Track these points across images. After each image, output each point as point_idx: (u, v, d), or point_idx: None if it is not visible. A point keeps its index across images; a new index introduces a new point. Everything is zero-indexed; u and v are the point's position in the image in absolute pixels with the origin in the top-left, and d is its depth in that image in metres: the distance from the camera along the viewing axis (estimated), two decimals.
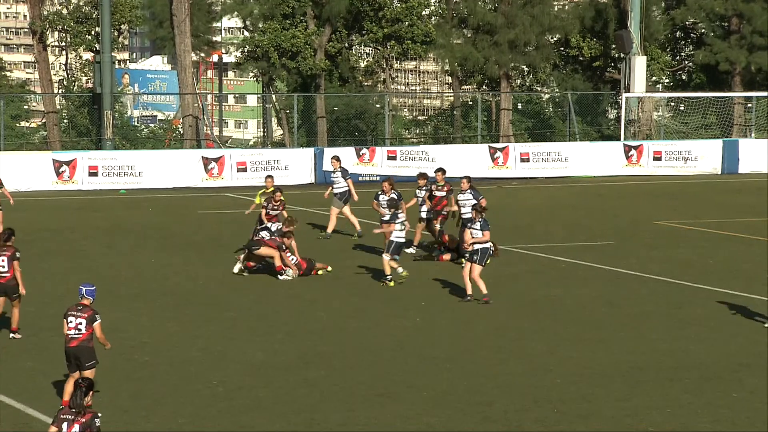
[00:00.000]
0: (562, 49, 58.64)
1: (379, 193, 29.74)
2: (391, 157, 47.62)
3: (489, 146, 49.65)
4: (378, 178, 45.75)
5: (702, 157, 50.97)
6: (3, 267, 21.68)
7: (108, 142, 47.68)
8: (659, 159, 50.52)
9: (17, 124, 60.57)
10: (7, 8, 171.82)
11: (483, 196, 29.05)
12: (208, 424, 17.39)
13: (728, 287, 27.18)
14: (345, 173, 33.49)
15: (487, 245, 25.14)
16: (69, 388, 17.45)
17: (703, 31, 60.56)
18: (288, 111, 55.66)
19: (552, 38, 58.52)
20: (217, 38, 71.64)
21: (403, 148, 48.99)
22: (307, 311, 24.90)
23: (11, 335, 22.17)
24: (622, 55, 54.14)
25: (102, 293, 26.40)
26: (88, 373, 17.37)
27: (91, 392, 13.45)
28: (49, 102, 53.42)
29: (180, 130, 54.66)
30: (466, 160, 48.54)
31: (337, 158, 34.16)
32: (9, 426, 17.23)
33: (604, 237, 34.44)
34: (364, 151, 47.61)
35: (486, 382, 19.65)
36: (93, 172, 44.64)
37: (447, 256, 30.03)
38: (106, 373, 19.99)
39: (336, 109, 57.50)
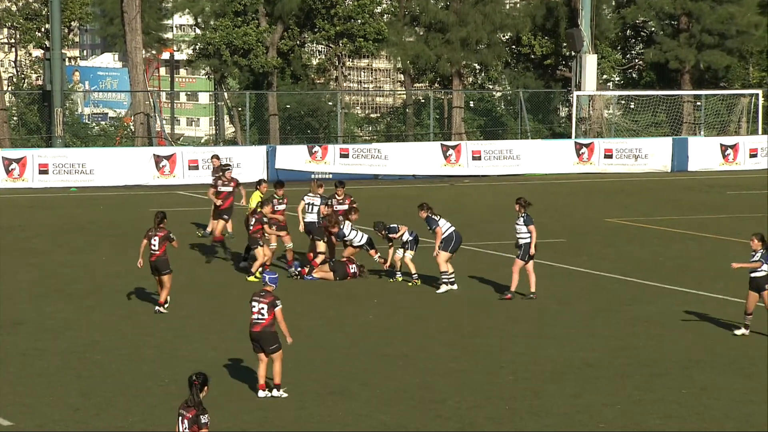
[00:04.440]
0: (513, 47, 58.83)
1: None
2: (344, 155, 47.59)
3: (441, 144, 49.71)
4: (330, 176, 45.72)
5: (652, 154, 51.29)
6: (154, 246, 24.00)
7: (58, 139, 47.38)
8: (610, 157, 50.79)
9: None
10: None
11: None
12: (160, 422, 17.30)
13: (679, 284, 27.37)
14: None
15: (528, 240, 25.43)
16: (261, 371, 18.52)
17: (653, 29, 60.96)
18: (240, 109, 55.49)
19: (503, 36, 58.68)
20: (169, 35, 71.28)
21: (356, 146, 48.97)
22: None
23: (157, 309, 24.11)
24: (573, 54, 54.37)
25: (52, 291, 26.39)
26: (275, 357, 18.36)
27: (206, 387, 13.91)
28: None
29: (131, 127, 54.39)
30: (418, 157, 48.64)
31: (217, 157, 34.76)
32: None
33: (556, 235, 34.56)
34: (317, 149, 47.54)
35: (439, 379, 19.68)
36: (43, 170, 44.34)
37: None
38: (58, 371, 19.90)
39: (288, 106, 57.37)
